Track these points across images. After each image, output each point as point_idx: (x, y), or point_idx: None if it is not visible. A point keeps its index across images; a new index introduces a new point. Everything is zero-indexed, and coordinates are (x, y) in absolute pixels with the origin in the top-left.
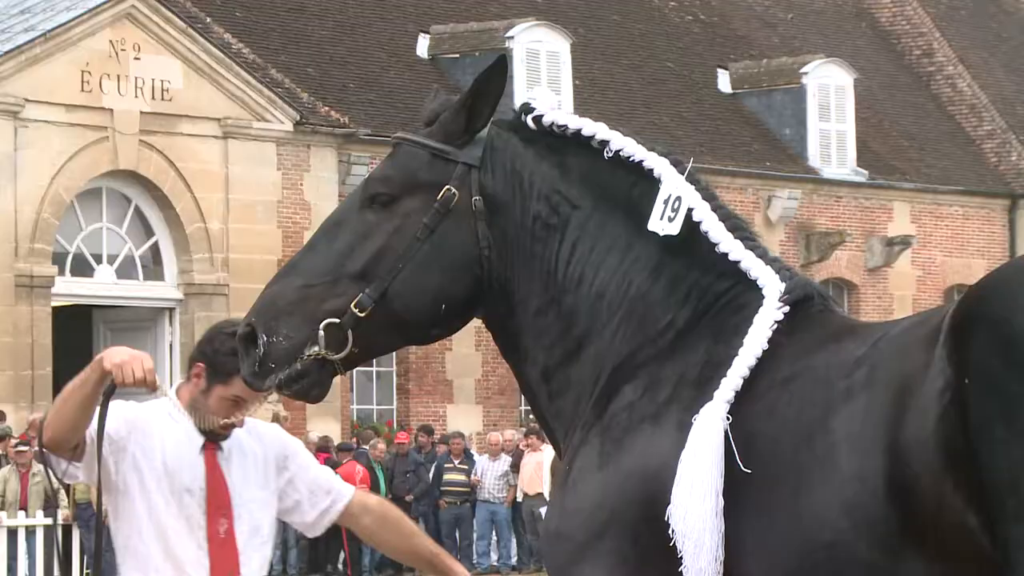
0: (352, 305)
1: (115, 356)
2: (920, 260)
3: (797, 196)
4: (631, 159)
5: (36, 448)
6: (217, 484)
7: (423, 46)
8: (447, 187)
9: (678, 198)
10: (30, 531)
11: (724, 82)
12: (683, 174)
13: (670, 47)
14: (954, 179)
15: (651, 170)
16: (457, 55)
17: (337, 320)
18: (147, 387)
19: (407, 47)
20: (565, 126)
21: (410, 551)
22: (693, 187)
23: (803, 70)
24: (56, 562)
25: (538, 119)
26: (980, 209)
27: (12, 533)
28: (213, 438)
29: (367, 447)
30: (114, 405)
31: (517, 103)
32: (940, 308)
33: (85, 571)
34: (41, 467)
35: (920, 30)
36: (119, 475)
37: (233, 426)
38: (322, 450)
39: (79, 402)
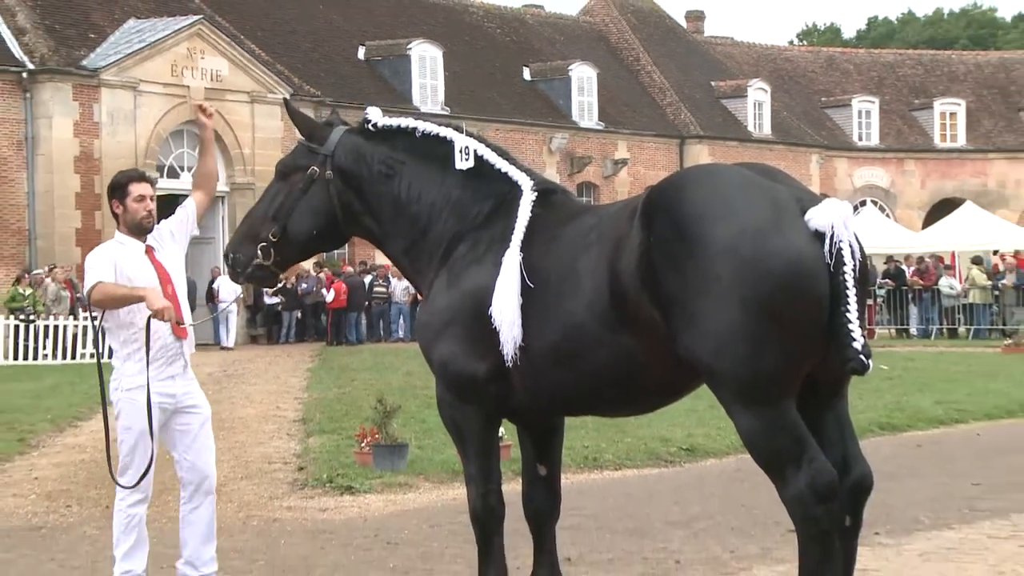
0: (271, 235)
1: (155, 302)
2: (632, 172)
3: (566, 137)
4: (433, 134)
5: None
6: (159, 267)
7: (362, 52)
8: (312, 168)
9: (467, 146)
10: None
11: (527, 74)
12: (462, 133)
13: (497, 54)
14: (650, 128)
15: (445, 137)
16: (380, 58)
17: (265, 243)
18: (168, 322)
19: (353, 52)
20: (390, 125)
21: (203, 175)
22: (474, 138)
23: (569, 68)
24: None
25: (374, 124)
26: (663, 145)
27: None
28: (144, 234)
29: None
30: (103, 258)
31: (414, 93)
32: (637, 196)
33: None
34: None
35: (632, 46)
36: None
37: (150, 216)
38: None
39: (118, 303)
